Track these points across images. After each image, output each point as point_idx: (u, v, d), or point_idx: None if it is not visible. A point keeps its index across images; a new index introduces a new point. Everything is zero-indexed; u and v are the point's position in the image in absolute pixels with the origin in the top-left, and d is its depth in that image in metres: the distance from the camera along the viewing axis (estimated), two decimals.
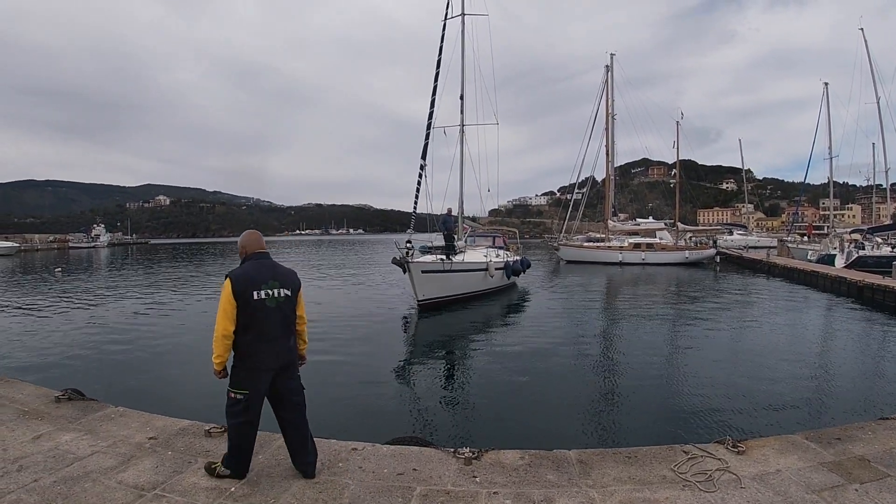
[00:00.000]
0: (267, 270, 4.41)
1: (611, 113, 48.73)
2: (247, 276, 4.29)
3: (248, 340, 4.24)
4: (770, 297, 23.16)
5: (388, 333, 15.74)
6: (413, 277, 18.60)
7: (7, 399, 6.42)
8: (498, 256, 24.29)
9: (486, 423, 8.11)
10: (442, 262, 19.73)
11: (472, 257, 22.20)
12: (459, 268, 20.51)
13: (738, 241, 64.62)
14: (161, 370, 11.48)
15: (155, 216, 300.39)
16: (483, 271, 21.96)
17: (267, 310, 4.27)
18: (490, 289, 23.00)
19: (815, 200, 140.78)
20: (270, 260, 4.56)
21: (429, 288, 19.04)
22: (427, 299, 19.06)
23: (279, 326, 4.35)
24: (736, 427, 7.58)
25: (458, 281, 20.47)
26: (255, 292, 4.23)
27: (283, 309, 4.37)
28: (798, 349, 13.13)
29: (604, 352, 13.25)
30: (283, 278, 4.44)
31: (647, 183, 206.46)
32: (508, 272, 24.11)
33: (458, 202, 27.22)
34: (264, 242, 4.65)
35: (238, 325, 4.22)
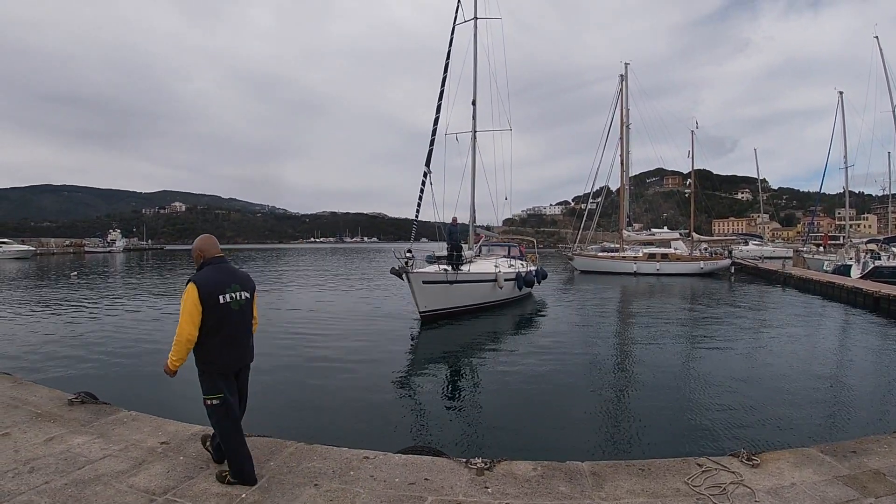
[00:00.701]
0: (228, 275, 4.51)
1: (625, 122, 48.65)
2: (212, 281, 4.34)
3: (215, 344, 4.32)
4: (785, 309, 22.95)
5: (400, 342, 15.60)
6: (413, 288, 17.93)
7: (20, 401, 6.46)
8: (511, 266, 23.52)
9: (499, 433, 8.04)
10: (445, 273, 18.87)
11: (479, 267, 21.64)
12: (465, 278, 19.73)
13: (753, 251, 64.22)
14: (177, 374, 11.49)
15: (170, 222, 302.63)
16: (492, 282, 21.16)
17: (232, 313, 4.38)
18: (500, 300, 22.22)
19: (831, 210, 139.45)
20: (228, 264, 4.66)
21: (431, 299, 18.41)
22: (429, 311, 18.39)
23: (242, 329, 4.50)
24: (750, 439, 7.49)
25: (463, 292, 19.73)
26: (221, 296, 4.31)
27: (244, 311, 4.51)
28: (813, 361, 12.97)
29: (617, 363, 13.15)
30: (242, 281, 4.56)
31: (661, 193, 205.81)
32: (520, 283, 23.31)
33: (470, 210, 26.74)
34: (218, 247, 4.71)
35: (203, 330, 4.27)
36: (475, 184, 26.29)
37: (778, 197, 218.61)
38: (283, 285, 34.43)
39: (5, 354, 13.05)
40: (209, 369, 4.36)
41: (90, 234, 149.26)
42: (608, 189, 52.65)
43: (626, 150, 48.99)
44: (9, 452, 4.98)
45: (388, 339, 15.66)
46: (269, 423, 8.12)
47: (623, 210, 50.38)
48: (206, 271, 4.46)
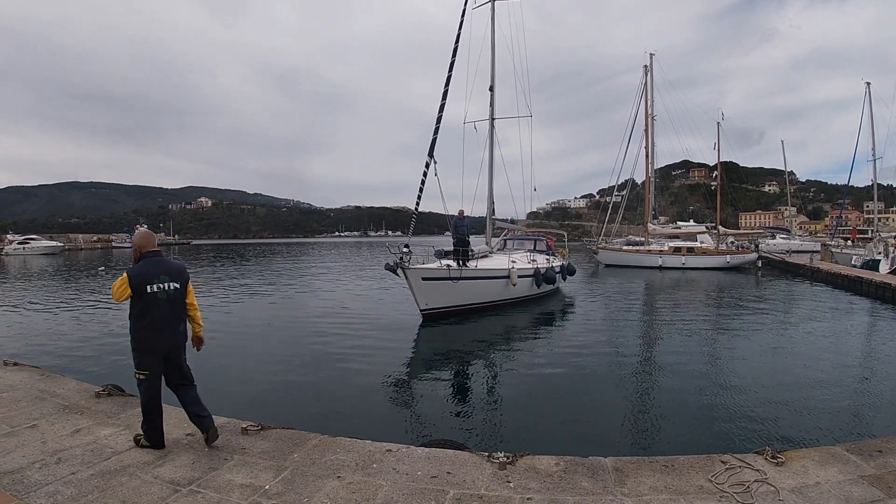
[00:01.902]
0: (158, 267, 5.06)
1: (650, 114, 48.09)
2: (142, 272, 4.94)
3: (143, 326, 4.92)
4: (812, 304, 22.59)
5: (421, 337, 15.56)
6: (412, 285, 16.94)
7: (48, 393, 6.57)
8: (533, 262, 22.32)
9: (521, 427, 8.03)
10: (448, 269, 17.62)
11: (490, 263, 20.49)
12: (472, 275, 18.43)
13: (780, 245, 63.32)
14: (199, 367, 11.60)
15: (197, 217, 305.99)
16: (504, 279, 19.71)
17: (159, 301, 4.95)
18: (515, 298, 20.66)
19: (859, 203, 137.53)
20: (161, 257, 5.24)
21: (433, 297, 17.35)
22: (431, 309, 17.33)
23: (168, 315, 5.02)
24: (775, 437, 7.39)
25: (470, 290, 18.48)
26: (149, 286, 4.90)
27: (172, 300, 5.05)
28: (840, 358, 12.76)
29: (641, 358, 13.03)
30: (172, 273, 5.12)
31: (687, 185, 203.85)
32: (539, 280, 21.55)
33: (487, 202, 25.61)
34: (156, 242, 5.34)
35: (134, 314, 4.94)
36: (493, 174, 25.36)
37: (805, 189, 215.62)
38: (307, 279, 34.64)
39: (34, 347, 13.28)
40: (139, 347, 4.96)
41: (117, 229, 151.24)
42: (633, 182, 52.36)
43: (652, 142, 48.46)
44: (36, 444, 5.07)
45: (409, 334, 15.67)
46: (293, 414, 8.21)
47: (648, 203, 49.85)
48: (140, 264, 5.07)
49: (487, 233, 25.73)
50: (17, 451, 4.91)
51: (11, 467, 4.57)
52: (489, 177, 25.17)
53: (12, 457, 4.78)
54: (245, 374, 11.17)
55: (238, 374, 11.16)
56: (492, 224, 25.86)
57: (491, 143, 24.97)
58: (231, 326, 16.55)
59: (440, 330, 16.22)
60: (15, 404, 6.26)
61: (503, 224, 27.53)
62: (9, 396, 6.55)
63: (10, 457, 4.78)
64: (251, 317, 18.70)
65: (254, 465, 4.68)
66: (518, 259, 21.86)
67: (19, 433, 5.35)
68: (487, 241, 25.14)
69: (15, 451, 4.89)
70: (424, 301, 17.19)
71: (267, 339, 14.97)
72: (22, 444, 5.07)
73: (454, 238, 19.93)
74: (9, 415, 5.90)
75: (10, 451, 4.91)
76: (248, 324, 17.21)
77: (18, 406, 6.20)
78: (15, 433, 5.35)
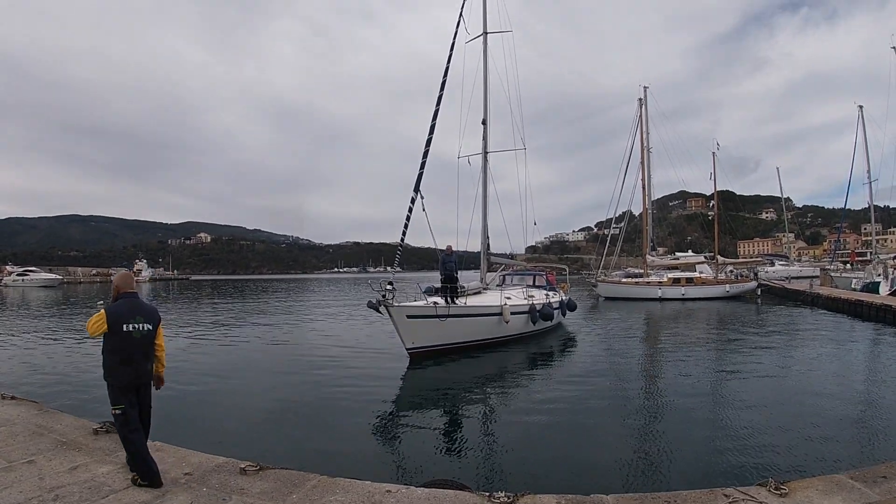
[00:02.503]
0: (135, 308, 5.38)
1: (646, 146, 48.48)
2: (119, 312, 5.24)
3: (116, 362, 5.17)
4: (814, 330, 22.54)
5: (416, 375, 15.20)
6: (397, 324, 16.24)
7: (46, 429, 6.52)
8: (530, 297, 21.45)
9: (521, 465, 7.91)
10: (435, 307, 16.96)
11: (481, 300, 19.92)
12: (460, 312, 17.75)
13: (779, 271, 63.49)
14: (201, 405, 11.56)
15: (196, 253, 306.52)
16: (496, 316, 18.80)
17: (133, 340, 5.23)
18: (508, 336, 19.58)
19: (857, 226, 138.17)
20: (137, 299, 5.55)
21: (419, 335, 16.62)
22: (418, 348, 16.62)
23: (140, 353, 5.30)
24: (779, 467, 7.32)
25: (460, 328, 17.67)
26: (125, 325, 5.20)
27: (144, 340, 5.32)
28: (842, 383, 12.72)
29: (642, 391, 12.91)
30: (146, 315, 5.41)
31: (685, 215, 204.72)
32: (535, 317, 20.38)
33: (482, 237, 24.77)
34: (133, 284, 5.71)
35: (107, 349, 5.20)
36: (487, 209, 24.63)
37: (803, 215, 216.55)
38: (305, 316, 34.54)
39: (32, 382, 13.20)
40: (112, 383, 5.19)
41: (117, 263, 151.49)
42: (631, 213, 52.44)
43: (648, 173, 48.79)
44: (33, 480, 5.03)
45: (403, 371, 15.36)
46: (289, 453, 8.13)
47: (646, 234, 49.99)
48: (118, 304, 5.38)
49: (482, 268, 24.96)
50: (14, 486, 4.88)
51: (8, 503, 4.53)
52: (483, 211, 24.66)
53: (9, 492, 4.74)
54: (243, 411, 11.10)
55: (237, 411, 11.10)
56: (486, 259, 25.15)
57: (484, 178, 24.57)
58: (229, 363, 16.51)
59: (432, 369, 15.78)
60: (12, 439, 6.23)
61: (499, 259, 26.88)
62: (6, 431, 6.52)
63: (6, 492, 4.74)
64: (249, 354, 18.59)
65: None
66: (514, 295, 21.31)
67: (16, 468, 5.32)
68: (482, 277, 24.42)
69: (12, 487, 4.86)
70: (410, 340, 16.53)
71: (263, 376, 14.86)
72: (19, 479, 5.04)
73: (442, 274, 19.29)
74: (6, 449, 5.86)
75: (7, 486, 4.88)
76: (245, 361, 17.14)
77: (16, 441, 6.17)
78: (12, 468, 5.32)
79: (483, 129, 24.24)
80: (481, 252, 24.98)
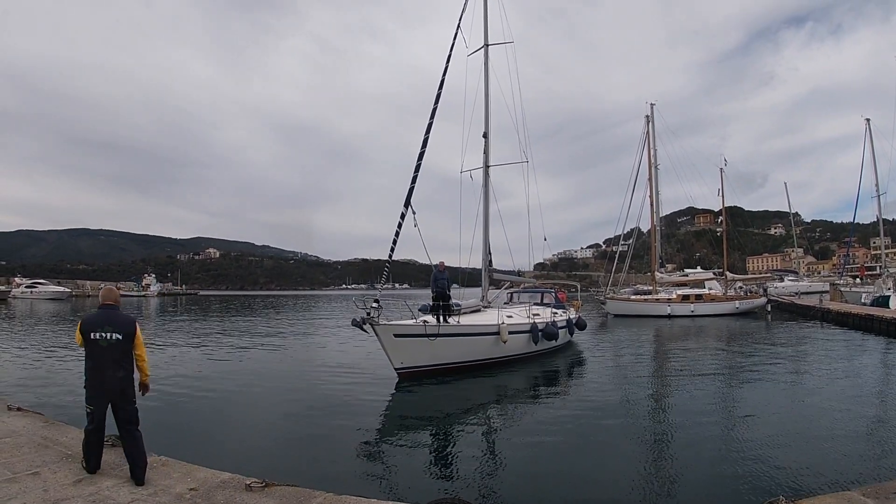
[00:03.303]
0: (105, 318, 5.74)
1: (653, 163, 48.50)
2: (90, 321, 5.70)
3: (88, 368, 5.65)
4: (824, 346, 22.38)
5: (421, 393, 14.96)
6: (383, 343, 15.63)
7: (51, 441, 6.51)
8: (536, 316, 20.74)
9: (526, 485, 7.79)
10: (424, 325, 16.23)
11: (478, 319, 19.33)
12: (453, 331, 17.02)
13: (789, 287, 63.29)
14: (206, 421, 11.52)
15: (205, 268, 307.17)
16: (493, 336, 17.91)
17: (101, 348, 5.58)
18: (506, 356, 18.78)
19: (866, 240, 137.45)
20: (112, 310, 5.88)
21: (408, 355, 15.99)
22: (407, 368, 16.00)
23: (109, 362, 5.58)
24: (790, 485, 7.20)
25: (452, 347, 16.92)
26: (92, 333, 5.59)
27: (113, 349, 5.61)
28: (853, 399, 12.57)
29: (650, 409, 12.78)
30: (116, 325, 5.71)
31: (693, 232, 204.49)
32: (536, 336, 19.39)
33: (483, 253, 24.01)
34: (113, 297, 6.06)
35: (85, 356, 5.69)
36: (489, 224, 23.82)
37: (811, 230, 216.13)
38: (311, 332, 34.54)
39: (38, 394, 13.20)
40: (87, 385, 5.64)
41: (125, 277, 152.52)
42: (639, 230, 52.27)
43: (656, 190, 48.81)
44: (38, 492, 5.01)
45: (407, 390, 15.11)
46: (295, 470, 8.07)
47: (655, 251, 49.84)
48: (92, 314, 5.83)
49: (483, 285, 24.05)
50: (18, 497, 4.86)
51: None
52: (484, 226, 23.93)
53: (13, 503, 4.71)
54: (249, 427, 11.07)
55: (243, 427, 11.06)
56: (488, 276, 24.26)
57: (486, 192, 23.87)
58: (236, 378, 16.48)
59: (432, 389, 15.39)
60: (17, 450, 6.22)
61: (503, 276, 25.93)
62: (11, 442, 6.51)
63: (11, 503, 4.71)
64: (256, 369, 18.55)
65: None
66: (516, 314, 20.77)
67: (21, 480, 5.31)
68: (483, 295, 23.68)
69: (16, 498, 4.84)
70: (399, 360, 15.93)
71: (269, 392, 14.82)
72: (23, 490, 5.03)
73: (433, 291, 18.41)
74: (11, 461, 5.85)
75: (11, 497, 4.86)
76: (253, 376, 17.10)
77: (21, 452, 6.15)
78: (17, 479, 5.31)
79: (484, 143, 23.79)
80: (482, 268, 24.24)
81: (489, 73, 24.07)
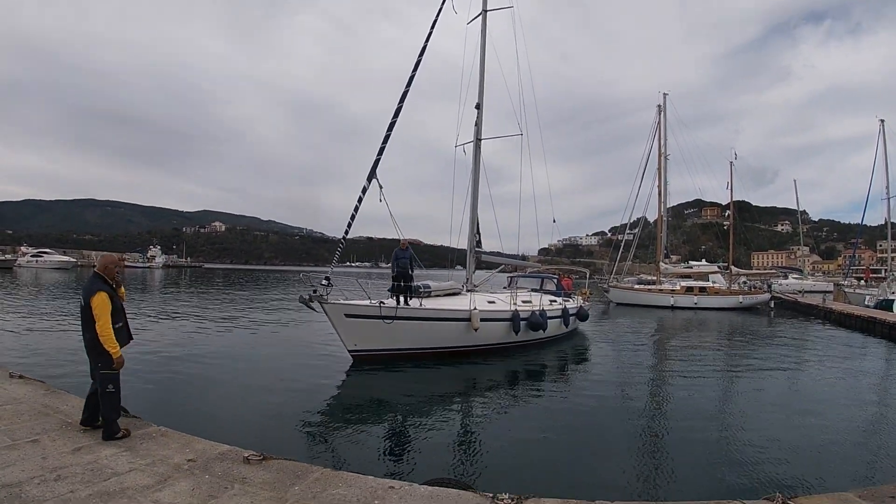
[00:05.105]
0: (84, 284, 6.27)
1: (663, 153, 48.14)
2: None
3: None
4: (825, 346, 22.28)
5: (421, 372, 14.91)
6: (334, 322, 14.81)
7: (52, 409, 6.53)
8: (527, 303, 19.42)
9: (526, 468, 7.82)
10: (380, 307, 15.09)
11: (448, 303, 17.63)
12: (413, 315, 15.89)
13: (793, 285, 62.86)
14: (207, 393, 11.56)
15: (210, 241, 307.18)
16: (463, 322, 16.54)
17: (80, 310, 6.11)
18: (479, 346, 17.26)
19: (873, 243, 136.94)
20: (91, 278, 6.26)
21: (362, 337, 15.10)
22: (361, 351, 15.16)
23: (82, 323, 6.08)
24: (786, 483, 7.20)
25: (413, 331, 15.79)
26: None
27: (83, 312, 6.07)
28: (852, 401, 12.52)
29: (650, 400, 12.76)
30: (84, 291, 6.13)
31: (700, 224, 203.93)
32: (517, 326, 17.84)
33: (469, 232, 22.51)
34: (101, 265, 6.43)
35: None
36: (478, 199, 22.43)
37: (818, 229, 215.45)
38: None
39: (39, 362, 13.27)
40: None
41: (131, 248, 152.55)
42: (645, 220, 52.08)
43: (664, 180, 48.43)
44: (37, 459, 5.03)
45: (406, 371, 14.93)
46: (293, 444, 8.12)
47: (660, 241, 49.63)
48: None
49: (468, 268, 22.43)
50: (16, 464, 4.88)
51: (10, 480, 4.54)
52: (472, 204, 22.50)
53: (11, 470, 4.74)
54: (251, 400, 11.09)
55: (243, 400, 11.10)
56: (474, 257, 22.66)
57: (476, 167, 22.49)
58: (237, 351, 16.59)
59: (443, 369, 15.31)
60: (18, 417, 6.24)
61: (492, 258, 24.57)
62: (12, 409, 6.54)
63: (9, 470, 4.74)
64: (258, 342, 18.66)
65: (254, 496, 4.59)
66: (500, 300, 19.32)
67: (20, 447, 5.33)
68: (468, 278, 22.10)
69: (14, 465, 4.85)
70: (352, 341, 15.09)
71: (270, 365, 14.88)
72: (22, 458, 5.04)
73: (393, 271, 17.01)
74: (11, 428, 5.87)
75: (9, 464, 4.87)
76: (254, 349, 17.23)
77: (21, 419, 6.18)
78: (16, 446, 5.32)
79: (477, 114, 22.59)
80: (468, 249, 22.68)
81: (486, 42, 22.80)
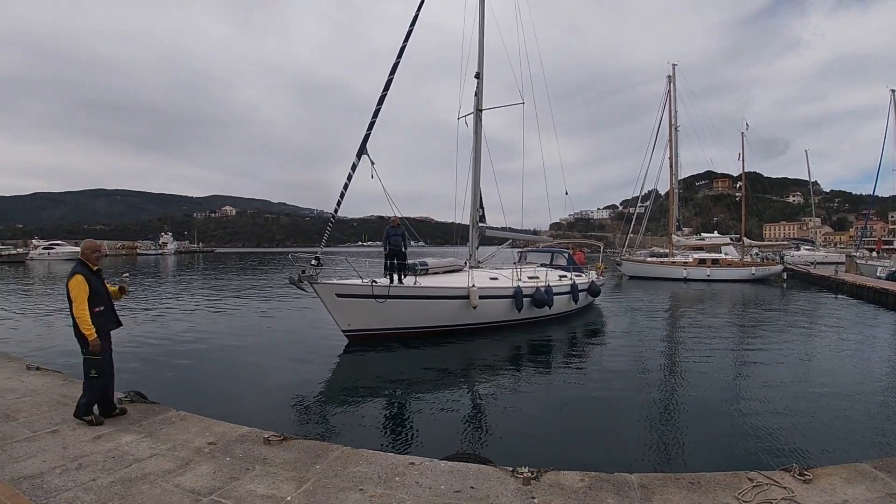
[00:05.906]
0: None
1: (674, 124, 47.66)
2: None
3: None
4: (838, 317, 22.14)
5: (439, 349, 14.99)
6: (325, 303, 14.56)
7: (70, 398, 6.57)
8: (533, 279, 18.93)
9: (544, 442, 7.86)
10: (372, 285, 14.83)
11: (446, 280, 17.34)
12: (407, 293, 15.58)
13: (805, 256, 62.48)
14: (224, 376, 11.62)
15: (221, 226, 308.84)
16: (461, 300, 16.26)
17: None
18: (479, 324, 16.96)
19: (885, 214, 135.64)
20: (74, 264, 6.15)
21: (356, 317, 14.89)
22: (356, 331, 14.98)
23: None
24: (802, 453, 7.19)
25: (408, 310, 15.59)
26: None
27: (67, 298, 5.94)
28: (866, 372, 12.44)
29: (666, 373, 12.77)
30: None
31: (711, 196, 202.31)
32: (520, 303, 17.42)
33: (472, 205, 21.69)
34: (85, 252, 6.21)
35: None
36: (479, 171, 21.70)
37: (830, 200, 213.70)
38: None
39: (57, 352, 13.33)
40: None
41: (142, 236, 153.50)
42: (657, 192, 51.73)
43: (675, 152, 47.96)
44: (57, 449, 5.07)
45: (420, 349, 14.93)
46: (313, 424, 8.16)
47: (672, 214, 49.32)
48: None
49: (471, 243, 21.97)
50: (37, 455, 4.92)
51: (32, 472, 4.57)
52: (474, 176, 21.80)
53: (33, 461, 4.78)
54: (269, 382, 11.16)
55: (261, 382, 11.17)
56: (478, 232, 22.07)
57: (477, 139, 21.71)
58: (254, 333, 16.63)
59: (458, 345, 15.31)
60: (37, 408, 6.30)
61: (497, 233, 23.98)
62: (31, 401, 6.59)
63: (30, 461, 4.78)
64: (274, 326, 18.70)
65: (275, 476, 4.62)
66: (503, 276, 18.84)
67: (40, 437, 5.37)
68: (471, 254, 21.77)
69: (36, 456, 4.90)
70: (346, 322, 14.87)
71: (281, 348, 14.97)
72: (43, 448, 5.08)
73: (385, 249, 16.74)
74: (30, 419, 5.93)
75: (31, 455, 4.92)
76: (272, 330, 17.27)
77: (40, 410, 6.23)
78: (36, 437, 5.37)
79: (477, 83, 21.86)
80: (471, 224, 21.96)
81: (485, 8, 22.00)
